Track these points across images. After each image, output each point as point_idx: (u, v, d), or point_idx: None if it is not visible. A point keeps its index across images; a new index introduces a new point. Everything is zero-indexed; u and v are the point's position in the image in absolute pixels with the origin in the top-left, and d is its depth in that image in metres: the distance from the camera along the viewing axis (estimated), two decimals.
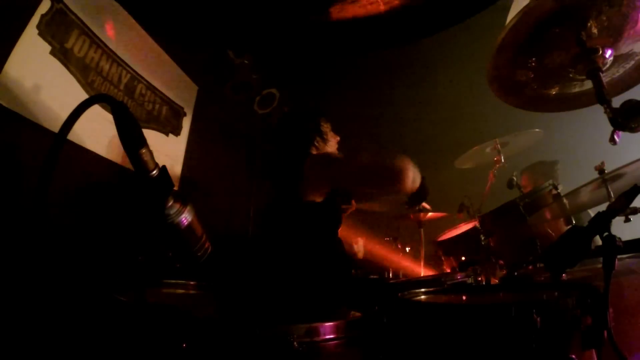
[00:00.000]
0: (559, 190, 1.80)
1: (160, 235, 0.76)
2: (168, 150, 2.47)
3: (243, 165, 3.15)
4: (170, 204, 0.73)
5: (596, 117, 1.09)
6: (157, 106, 2.34)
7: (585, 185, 1.61)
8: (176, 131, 2.53)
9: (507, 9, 1.06)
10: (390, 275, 2.54)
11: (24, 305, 1.30)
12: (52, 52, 1.65)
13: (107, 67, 1.95)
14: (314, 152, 1.89)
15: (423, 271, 2.56)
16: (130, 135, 0.69)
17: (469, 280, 1.68)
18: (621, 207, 0.80)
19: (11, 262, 1.30)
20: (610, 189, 1.57)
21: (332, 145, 1.99)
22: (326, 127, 1.98)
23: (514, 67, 1.11)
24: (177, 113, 2.55)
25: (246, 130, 3.01)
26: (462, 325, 0.83)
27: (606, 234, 0.78)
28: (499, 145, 2.42)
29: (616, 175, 1.57)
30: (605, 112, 0.94)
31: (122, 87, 2.05)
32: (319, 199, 1.71)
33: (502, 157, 2.41)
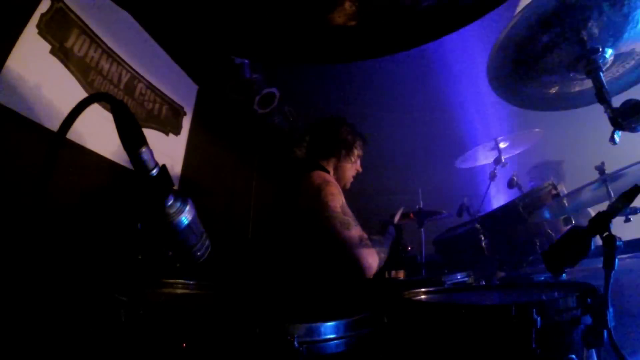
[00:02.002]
0: (558, 190, 1.80)
1: (160, 234, 0.76)
2: (168, 150, 2.46)
3: (243, 165, 3.15)
4: (170, 203, 0.73)
5: (596, 117, 1.09)
6: (157, 106, 2.34)
7: (585, 185, 1.61)
8: (176, 131, 2.53)
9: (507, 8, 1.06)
10: None
11: (23, 306, 1.30)
12: (52, 52, 1.65)
13: (107, 66, 1.95)
14: (331, 163, 1.86)
15: None
16: (130, 134, 0.69)
17: (469, 280, 1.68)
18: (621, 207, 0.80)
19: (11, 262, 1.30)
20: (610, 189, 1.57)
21: (354, 164, 1.94)
22: (359, 150, 1.94)
23: (515, 67, 1.11)
24: (177, 113, 2.55)
25: (246, 130, 3.01)
26: (463, 325, 0.83)
27: (606, 234, 0.78)
28: (499, 145, 2.42)
29: (616, 175, 1.57)
30: (606, 112, 0.94)
31: (122, 86, 2.05)
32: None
33: (502, 157, 2.41)
